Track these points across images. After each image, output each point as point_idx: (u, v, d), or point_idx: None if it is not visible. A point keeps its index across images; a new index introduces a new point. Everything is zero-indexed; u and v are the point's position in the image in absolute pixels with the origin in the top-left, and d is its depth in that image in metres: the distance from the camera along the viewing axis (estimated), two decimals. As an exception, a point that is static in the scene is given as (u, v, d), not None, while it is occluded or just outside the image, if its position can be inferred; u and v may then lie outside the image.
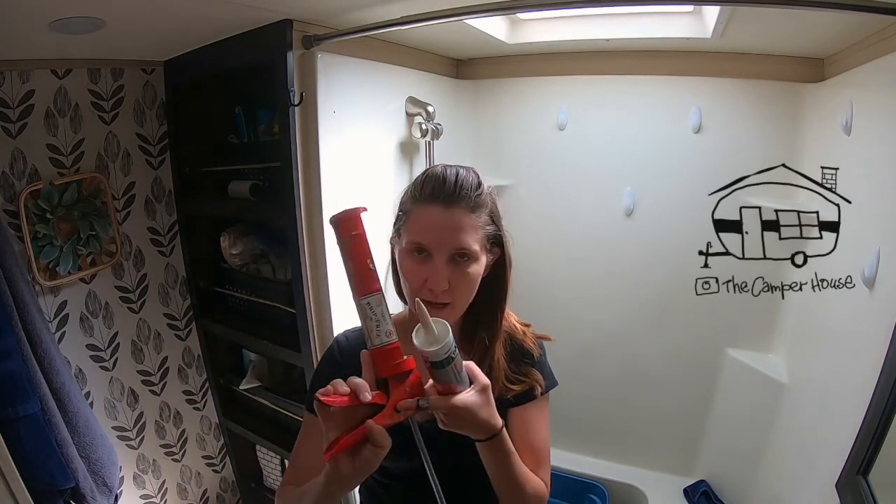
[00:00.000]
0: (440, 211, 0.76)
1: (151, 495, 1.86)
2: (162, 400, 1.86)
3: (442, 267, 0.75)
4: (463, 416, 0.67)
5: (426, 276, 0.76)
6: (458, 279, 0.76)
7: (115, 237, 1.64)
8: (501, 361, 0.86)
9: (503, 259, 0.85)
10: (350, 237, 0.67)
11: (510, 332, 0.91)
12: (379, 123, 1.61)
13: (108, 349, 1.68)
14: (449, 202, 0.76)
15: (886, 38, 1.18)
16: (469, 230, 0.76)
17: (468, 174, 0.79)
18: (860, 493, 1.05)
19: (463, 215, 0.76)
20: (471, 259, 0.77)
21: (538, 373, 0.89)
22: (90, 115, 1.57)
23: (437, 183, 0.77)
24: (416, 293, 0.77)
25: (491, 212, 0.81)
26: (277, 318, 1.63)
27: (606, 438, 1.99)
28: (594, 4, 1.36)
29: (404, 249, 0.79)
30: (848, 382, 1.21)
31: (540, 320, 1.00)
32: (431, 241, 0.76)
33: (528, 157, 1.97)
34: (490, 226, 0.80)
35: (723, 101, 1.68)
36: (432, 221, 0.76)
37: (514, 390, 0.86)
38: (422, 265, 0.76)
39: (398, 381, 0.66)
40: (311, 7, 1.27)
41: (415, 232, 0.77)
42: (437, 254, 0.76)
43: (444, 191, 0.76)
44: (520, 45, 1.78)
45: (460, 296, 0.78)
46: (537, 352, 0.91)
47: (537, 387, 0.87)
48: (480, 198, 0.79)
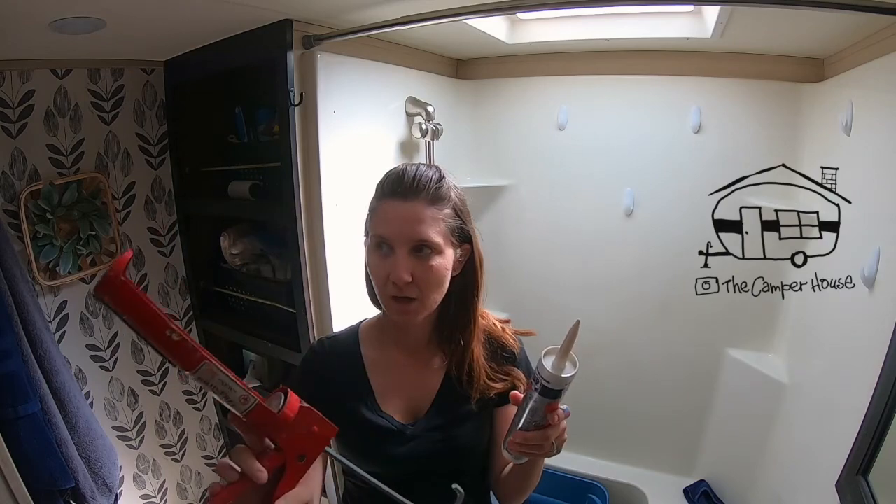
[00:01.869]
0: (399, 203, 0.77)
1: (151, 495, 1.86)
2: (162, 400, 1.86)
3: (403, 259, 0.75)
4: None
5: (389, 269, 0.76)
6: (422, 272, 0.76)
7: (115, 237, 1.64)
8: (481, 360, 0.86)
9: (473, 255, 0.85)
10: (127, 306, 0.46)
11: (489, 330, 0.91)
12: (379, 123, 1.61)
13: (108, 349, 1.68)
14: (408, 195, 0.77)
15: (886, 38, 1.18)
16: (429, 222, 0.77)
17: (429, 169, 0.80)
18: (860, 493, 1.05)
19: (422, 207, 0.77)
20: (433, 251, 0.77)
21: (519, 371, 0.89)
22: (90, 115, 1.57)
23: (396, 178, 0.79)
24: (381, 289, 0.78)
25: (455, 206, 0.81)
26: (277, 318, 1.63)
27: (606, 438, 1.99)
28: (594, 4, 1.37)
29: (369, 246, 0.80)
30: (848, 382, 1.21)
31: (540, 320, 1.00)
32: (391, 233, 0.76)
33: (528, 157, 1.96)
34: (454, 219, 0.80)
35: (723, 101, 1.68)
36: (392, 214, 0.77)
37: (497, 388, 0.86)
38: (385, 259, 0.77)
39: (286, 430, 0.55)
40: (311, 7, 1.27)
41: (376, 227, 0.79)
42: (398, 246, 0.76)
43: (402, 184, 0.77)
44: (520, 45, 1.78)
45: (426, 290, 0.78)
46: (517, 348, 0.91)
47: (519, 385, 0.87)
48: (441, 191, 0.79)
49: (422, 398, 0.86)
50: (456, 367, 0.85)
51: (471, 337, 0.86)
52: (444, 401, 0.86)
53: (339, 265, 1.44)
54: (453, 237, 0.80)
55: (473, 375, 0.84)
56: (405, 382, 0.86)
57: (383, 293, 0.78)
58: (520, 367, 0.90)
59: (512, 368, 0.89)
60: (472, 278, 0.85)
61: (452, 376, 0.86)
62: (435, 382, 0.87)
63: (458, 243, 0.81)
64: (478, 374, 0.85)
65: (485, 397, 0.85)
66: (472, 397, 0.84)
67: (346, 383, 0.84)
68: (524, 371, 0.90)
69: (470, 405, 0.85)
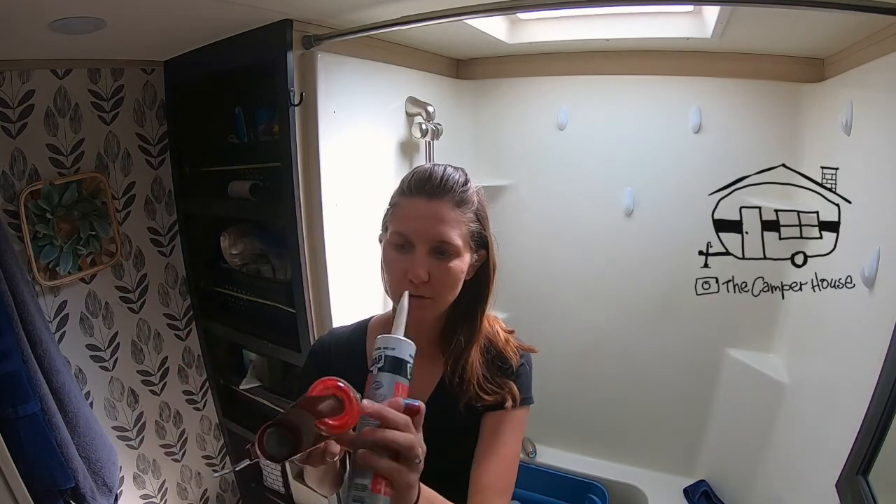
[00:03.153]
0: (424, 202, 0.76)
1: (151, 495, 1.86)
2: (162, 400, 1.86)
3: (423, 257, 0.75)
4: (385, 446, 0.51)
5: (407, 266, 0.75)
6: (439, 273, 0.76)
7: (115, 237, 1.64)
8: (476, 366, 0.84)
9: (488, 262, 0.84)
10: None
11: (491, 338, 0.88)
12: (379, 123, 1.61)
13: (108, 349, 1.68)
14: (434, 194, 0.76)
15: (886, 38, 1.18)
16: (452, 223, 0.76)
17: (456, 171, 0.80)
18: (860, 493, 1.05)
19: (447, 208, 0.76)
20: (453, 254, 0.76)
21: (514, 385, 0.84)
22: (90, 115, 1.57)
23: (423, 177, 0.78)
24: (397, 284, 0.77)
25: (477, 211, 0.80)
26: (277, 318, 1.62)
27: (606, 438, 1.99)
28: (594, 4, 1.36)
29: (388, 241, 0.79)
30: (848, 382, 1.21)
31: (540, 320, 1.00)
32: (413, 231, 0.75)
33: (528, 157, 1.97)
34: (475, 223, 0.80)
35: (723, 101, 1.68)
36: (415, 212, 0.76)
37: (486, 401, 0.82)
38: (403, 256, 0.76)
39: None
40: (311, 7, 1.27)
41: (397, 223, 0.77)
42: (418, 244, 0.75)
43: (429, 183, 0.77)
44: (520, 45, 1.78)
45: (441, 291, 0.77)
46: (517, 361, 0.87)
47: (509, 399, 0.82)
48: (466, 194, 0.78)
49: (419, 397, 0.86)
50: (451, 367, 0.84)
51: (471, 341, 0.85)
52: (438, 402, 0.85)
53: (339, 265, 1.44)
54: (472, 241, 0.80)
55: (465, 379, 0.83)
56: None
57: (398, 289, 0.77)
58: (517, 382, 0.85)
59: (507, 381, 0.84)
60: (485, 284, 0.85)
61: (447, 377, 0.85)
62: (433, 383, 0.87)
63: (476, 248, 0.81)
64: (469, 379, 0.83)
65: (472, 404, 0.82)
66: (460, 401, 0.82)
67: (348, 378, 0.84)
68: (521, 387, 0.85)
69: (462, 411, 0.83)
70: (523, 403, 0.84)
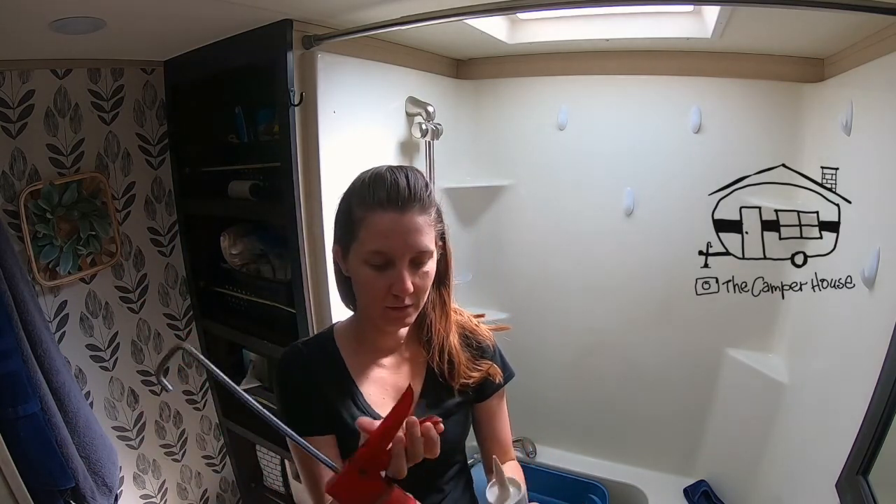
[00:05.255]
0: (397, 216, 0.74)
1: (151, 495, 1.86)
2: (162, 400, 1.86)
3: (407, 273, 0.75)
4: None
5: (389, 283, 0.75)
6: (419, 280, 0.77)
7: (115, 237, 1.64)
8: (458, 350, 0.88)
9: (446, 250, 0.86)
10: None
11: (463, 324, 0.93)
12: (379, 123, 1.61)
13: (108, 349, 1.68)
14: (405, 206, 0.75)
15: (886, 38, 1.18)
16: (425, 231, 0.76)
17: (415, 175, 0.78)
18: (860, 493, 1.05)
19: (418, 217, 0.76)
20: (429, 259, 0.78)
21: (493, 364, 0.91)
22: (90, 115, 1.57)
23: (389, 187, 0.75)
24: (379, 301, 0.77)
25: (437, 208, 0.81)
26: (277, 318, 1.63)
27: (606, 438, 1.99)
28: (594, 4, 1.36)
29: (362, 260, 0.76)
30: (848, 382, 1.21)
31: (540, 320, 1.00)
32: (392, 248, 0.74)
33: (528, 157, 1.96)
34: (440, 223, 0.81)
35: (723, 101, 1.68)
36: (391, 228, 0.74)
37: (475, 377, 0.88)
38: (383, 273, 0.75)
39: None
40: (311, 7, 1.27)
41: (373, 241, 0.75)
42: (399, 260, 0.75)
43: (398, 195, 0.74)
44: (520, 45, 1.78)
45: (422, 296, 0.79)
46: (491, 341, 0.93)
47: (497, 377, 0.91)
48: (430, 197, 0.79)
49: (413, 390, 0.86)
50: (438, 357, 0.87)
51: (449, 328, 0.88)
52: (429, 395, 0.87)
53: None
54: (439, 240, 0.82)
55: (454, 362, 0.87)
56: (390, 381, 0.87)
57: (380, 305, 0.77)
58: (494, 361, 0.92)
59: (485, 361, 0.91)
60: (445, 271, 0.87)
61: (434, 369, 0.87)
62: (419, 378, 0.88)
63: (440, 243, 0.83)
64: (458, 362, 0.87)
65: (464, 390, 0.87)
66: (454, 387, 0.87)
67: (331, 385, 0.83)
68: (498, 364, 0.92)
69: (454, 398, 0.87)
70: (507, 379, 0.95)
